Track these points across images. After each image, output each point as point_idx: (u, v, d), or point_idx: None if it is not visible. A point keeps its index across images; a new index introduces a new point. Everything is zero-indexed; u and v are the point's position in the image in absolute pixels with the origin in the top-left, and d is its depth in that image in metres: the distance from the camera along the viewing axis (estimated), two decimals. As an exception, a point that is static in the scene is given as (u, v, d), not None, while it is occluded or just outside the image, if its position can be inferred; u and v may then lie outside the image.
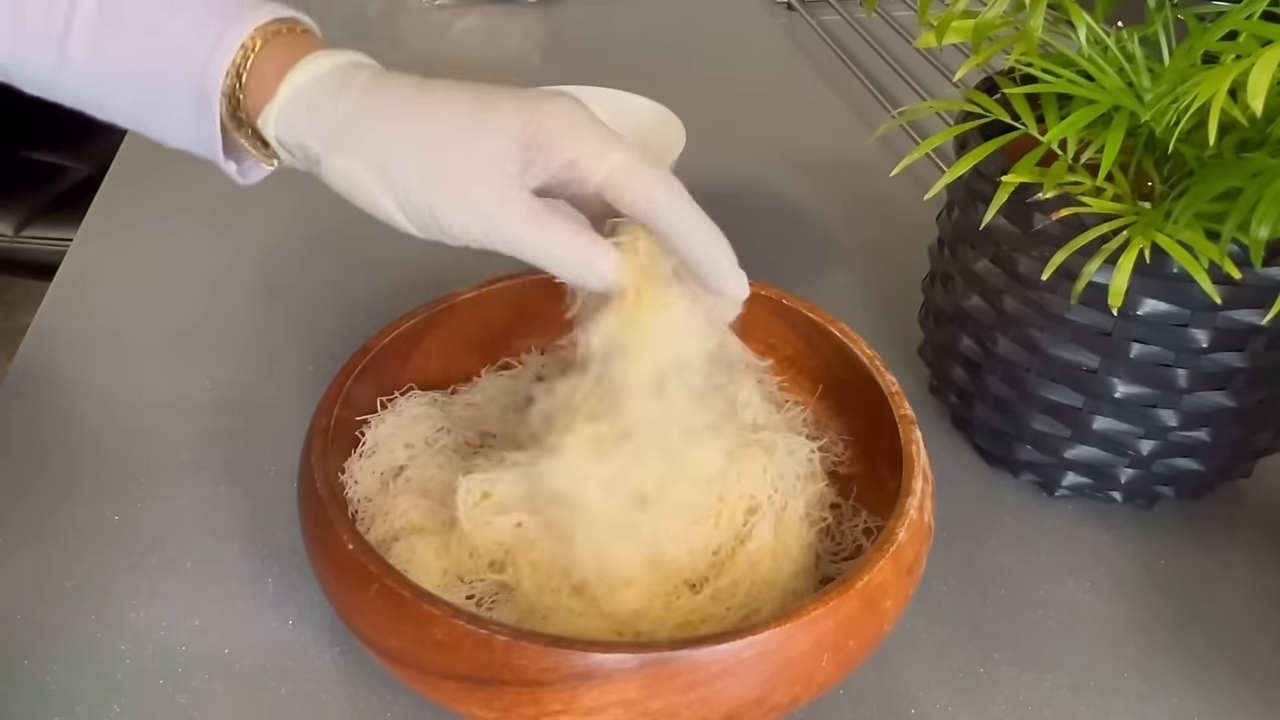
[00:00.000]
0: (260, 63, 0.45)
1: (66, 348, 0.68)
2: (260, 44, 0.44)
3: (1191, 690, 0.49)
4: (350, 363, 0.52)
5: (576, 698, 0.39)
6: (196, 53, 0.45)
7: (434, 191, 0.42)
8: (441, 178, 0.42)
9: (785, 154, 0.90)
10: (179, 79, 0.45)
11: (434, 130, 0.42)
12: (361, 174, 0.43)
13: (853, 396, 0.55)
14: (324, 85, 0.44)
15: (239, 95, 0.45)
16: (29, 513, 0.56)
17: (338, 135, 0.43)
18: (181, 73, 0.45)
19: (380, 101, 0.43)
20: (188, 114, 0.46)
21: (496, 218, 0.42)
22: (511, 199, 0.42)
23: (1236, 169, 0.45)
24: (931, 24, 0.52)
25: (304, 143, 0.44)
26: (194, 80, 0.45)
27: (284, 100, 0.44)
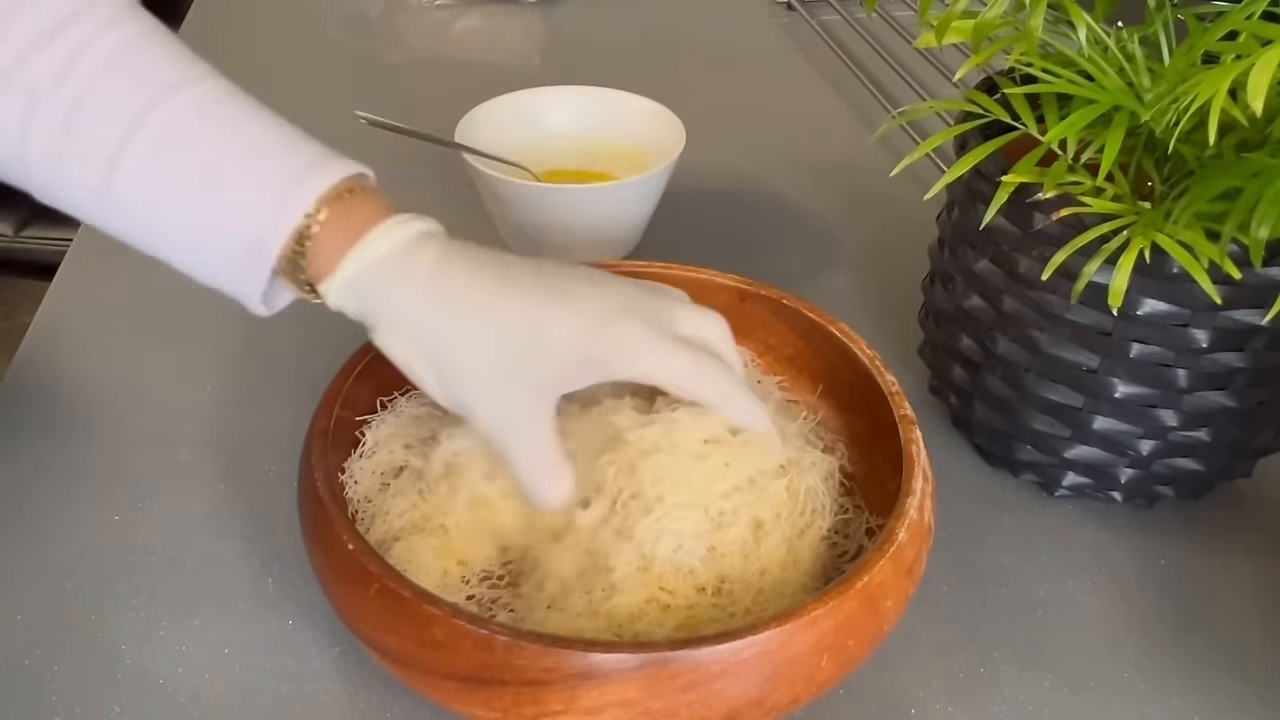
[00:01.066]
0: (324, 233, 0.44)
1: (66, 348, 0.68)
2: (324, 213, 0.44)
3: (1191, 690, 0.49)
4: (350, 363, 0.52)
5: (576, 698, 0.39)
6: (256, 213, 0.44)
7: (475, 397, 0.45)
8: (485, 387, 0.45)
9: (785, 154, 0.90)
10: (233, 235, 0.44)
11: (488, 344, 0.44)
12: (414, 359, 0.46)
13: (853, 396, 0.55)
14: (389, 266, 0.45)
15: (300, 262, 0.45)
16: (29, 513, 0.56)
17: (397, 319, 0.45)
18: (237, 230, 0.44)
19: (442, 294, 0.45)
20: (235, 269, 0.45)
21: (516, 438, 0.45)
22: (538, 427, 0.45)
23: (1236, 169, 0.45)
24: (931, 24, 0.52)
25: (363, 311, 0.46)
26: (251, 239, 0.44)
27: (347, 278, 0.45)
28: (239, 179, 0.44)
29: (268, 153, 0.45)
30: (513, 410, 0.44)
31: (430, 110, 0.77)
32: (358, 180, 0.46)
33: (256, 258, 0.44)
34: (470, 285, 0.45)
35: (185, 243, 0.46)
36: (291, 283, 0.46)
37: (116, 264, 0.75)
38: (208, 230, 0.45)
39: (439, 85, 0.96)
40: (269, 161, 0.44)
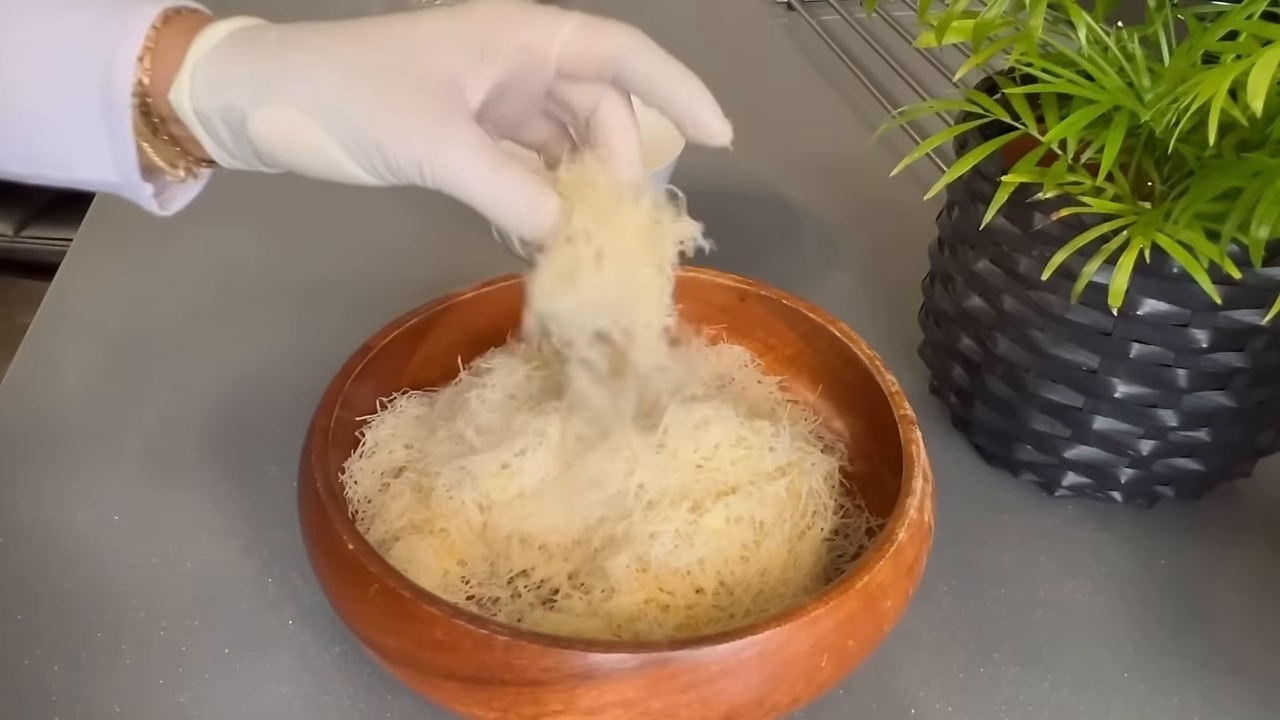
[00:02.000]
0: (164, 42, 0.40)
1: (66, 348, 0.68)
2: (162, 26, 0.40)
3: (1191, 690, 0.49)
4: (350, 363, 0.52)
5: (576, 698, 0.39)
6: (98, 51, 0.39)
7: (379, 124, 0.39)
8: (386, 103, 0.39)
9: (785, 154, 0.90)
10: (81, 82, 0.40)
11: (369, 59, 0.39)
12: (298, 119, 0.39)
13: (853, 396, 0.55)
14: (235, 41, 0.40)
15: (146, 82, 0.40)
16: (29, 513, 0.56)
17: (263, 84, 0.39)
18: (83, 73, 0.40)
19: (303, 42, 0.40)
20: (94, 124, 0.40)
21: (444, 144, 0.39)
22: (462, 127, 0.39)
23: (1236, 169, 0.45)
24: (931, 24, 0.52)
25: (226, 103, 0.40)
26: (98, 75, 0.39)
27: (194, 63, 0.40)
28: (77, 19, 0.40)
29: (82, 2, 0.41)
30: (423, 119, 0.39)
31: (430, 110, 0.77)
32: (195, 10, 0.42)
33: (108, 98, 0.39)
34: (330, 29, 0.40)
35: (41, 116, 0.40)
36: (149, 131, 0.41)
37: (116, 264, 0.76)
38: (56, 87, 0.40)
39: (439, 85, 0.96)
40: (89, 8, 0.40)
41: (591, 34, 0.41)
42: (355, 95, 0.39)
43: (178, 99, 0.40)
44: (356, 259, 0.75)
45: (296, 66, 0.39)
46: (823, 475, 0.51)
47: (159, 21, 0.40)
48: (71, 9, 0.40)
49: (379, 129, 0.39)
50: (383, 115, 0.39)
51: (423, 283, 0.59)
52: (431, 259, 0.75)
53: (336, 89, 0.39)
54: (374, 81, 0.39)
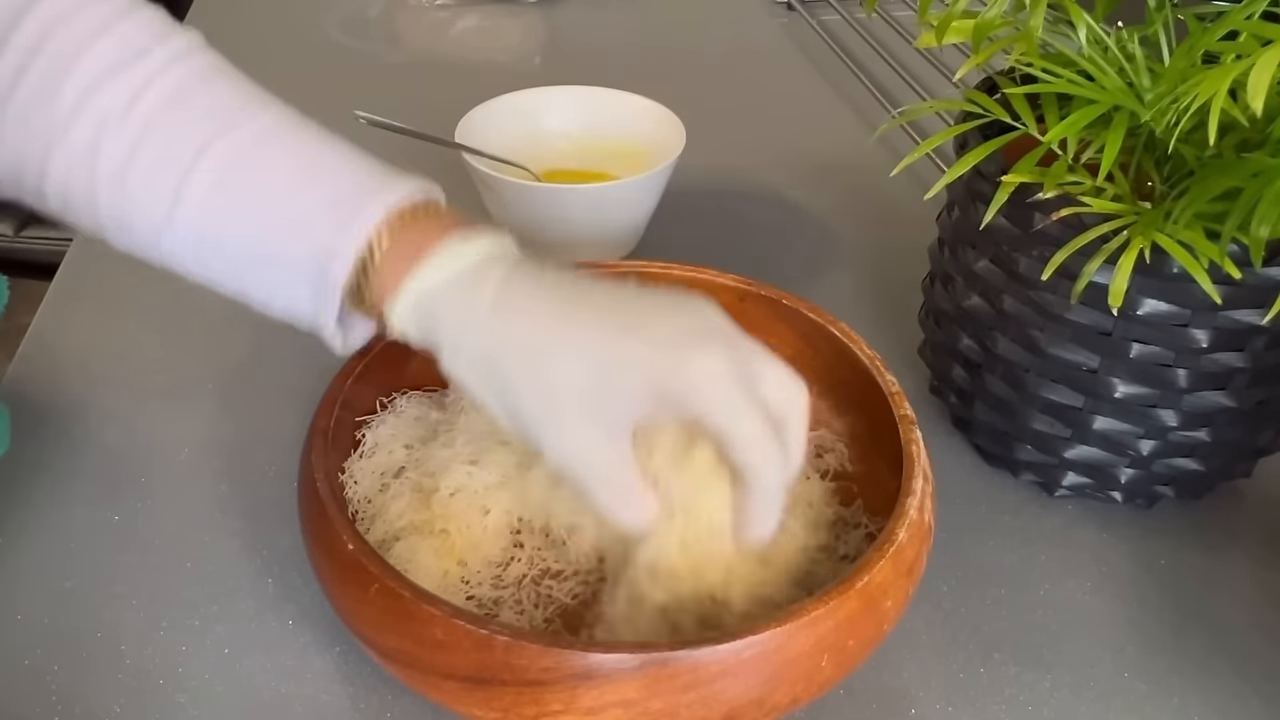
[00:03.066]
0: (389, 255, 0.43)
1: (66, 348, 0.68)
2: (388, 236, 0.43)
3: (1191, 690, 0.49)
4: (350, 363, 0.52)
5: (576, 698, 0.39)
6: (322, 238, 0.43)
7: (544, 433, 0.42)
8: (556, 423, 0.42)
9: (785, 154, 0.90)
10: (299, 262, 0.44)
11: (561, 381, 0.41)
12: (478, 389, 0.43)
13: (853, 396, 0.55)
14: (450, 292, 0.43)
15: (363, 286, 0.44)
16: (29, 513, 0.56)
17: (460, 348, 0.43)
18: (303, 257, 0.43)
19: (505, 325, 0.42)
20: (302, 299, 0.45)
21: (590, 475, 0.42)
22: (613, 461, 0.42)
23: (1236, 169, 0.45)
24: (931, 24, 0.52)
25: (430, 339, 0.44)
26: (316, 265, 0.43)
27: (409, 303, 0.43)
28: (302, 203, 0.44)
29: (330, 177, 0.44)
30: (587, 450, 0.42)
31: (430, 110, 0.77)
32: (424, 198, 0.45)
33: (322, 284, 0.43)
34: (535, 317, 0.42)
35: (251, 272, 0.45)
36: (360, 309, 0.45)
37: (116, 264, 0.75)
38: (272, 257, 0.44)
39: (439, 85, 0.96)
40: (330, 186, 0.44)
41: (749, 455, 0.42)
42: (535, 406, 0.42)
43: (389, 314, 0.44)
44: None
45: (495, 354, 0.42)
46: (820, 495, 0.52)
47: (388, 228, 0.43)
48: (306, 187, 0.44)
49: (543, 439, 0.42)
50: (550, 431, 0.42)
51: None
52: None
53: (519, 394, 0.42)
54: (555, 401, 0.42)
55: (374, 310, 0.45)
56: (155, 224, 0.45)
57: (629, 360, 0.41)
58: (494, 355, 0.42)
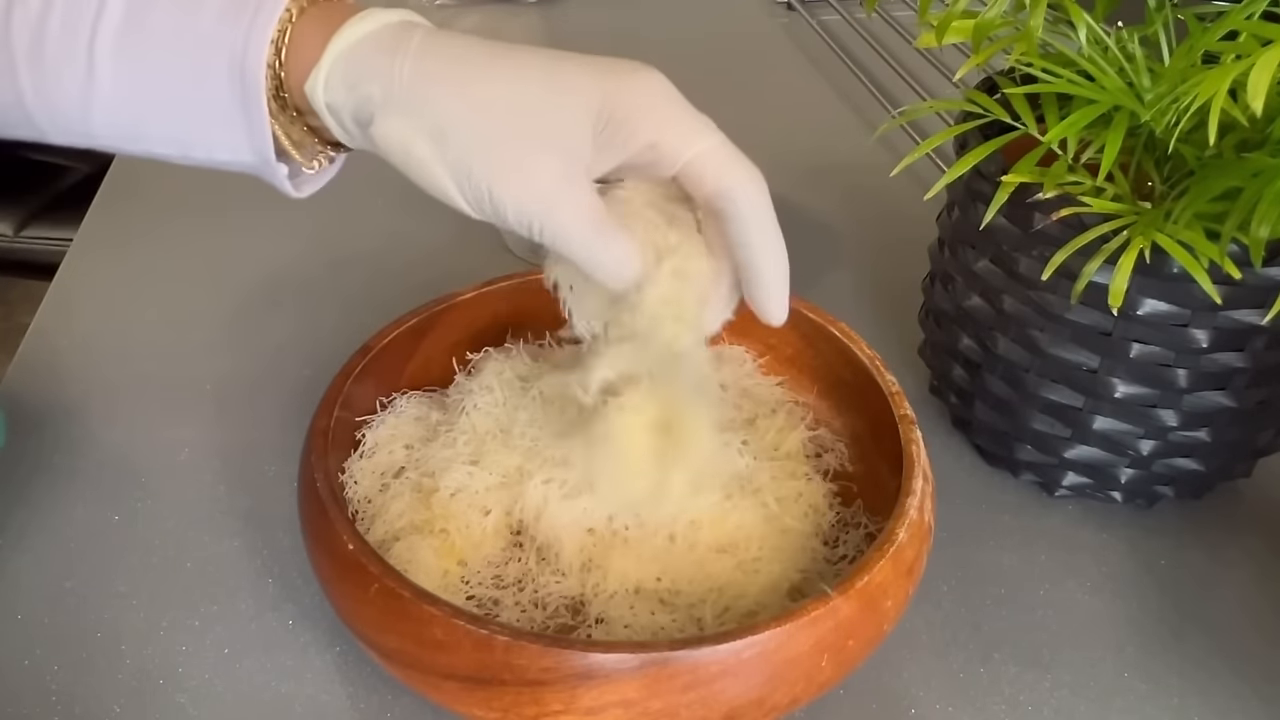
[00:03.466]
0: (301, 31, 0.41)
1: (66, 348, 0.68)
2: (297, 13, 0.41)
3: (1191, 690, 0.49)
4: (350, 363, 0.52)
5: (576, 698, 0.39)
6: (233, 36, 0.40)
7: (495, 172, 0.39)
8: (505, 157, 0.39)
9: (785, 154, 0.90)
10: (217, 69, 0.41)
11: (500, 101, 0.39)
12: (418, 144, 0.40)
13: (853, 396, 0.55)
14: (376, 41, 0.40)
15: (281, 73, 0.41)
16: (29, 512, 0.56)
17: (393, 97, 0.40)
18: (219, 61, 0.41)
19: (441, 61, 0.40)
20: (230, 110, 0.42)
21: (557, 210, 0.39)
22: (577, 193, 0.39)
23: (1236, 169, 0.45)
24: (931, 24, 0.52)
25: (358, 102, 0.40)
26: (233, 65, 0.41)
27: (332, 60, 0.40)
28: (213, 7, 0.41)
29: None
30: (542, 181, 0.39)
31: (430, 110, 0.77)
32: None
33: (244, 85, 0.41)
34: (470, 56, 0.40)
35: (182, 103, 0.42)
36: (283, 116, 0.42)
37: (116, 264, 0.76)
38: (195, 75, 0.41)
39: (439, 85, 0.96)
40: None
41: (719, 163, 0.41)
42: (480, 138, 0.39)
43: (312, 91, 0.41)
44: (357, 259, 0.75)
45: (431, 85, 0.40)
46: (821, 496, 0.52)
47: (295, 10, 0.41)
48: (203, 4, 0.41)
49: (495, 181, 0.39)
50: (501, 168, 0.39)
51: (423, 283, 0.59)
52: (431, 259, 0.75)
53: (463, 121, 0.39)
54: (500, 127, 0.39)
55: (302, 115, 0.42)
56: (79, 91, 0.42)
57: (573, 83, 0.39)
58: (428, 91, 0.40)
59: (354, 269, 0.74)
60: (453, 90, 0.39)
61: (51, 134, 0.44)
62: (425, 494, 0.50)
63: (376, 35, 0.41)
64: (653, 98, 0.40)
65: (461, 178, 0.40)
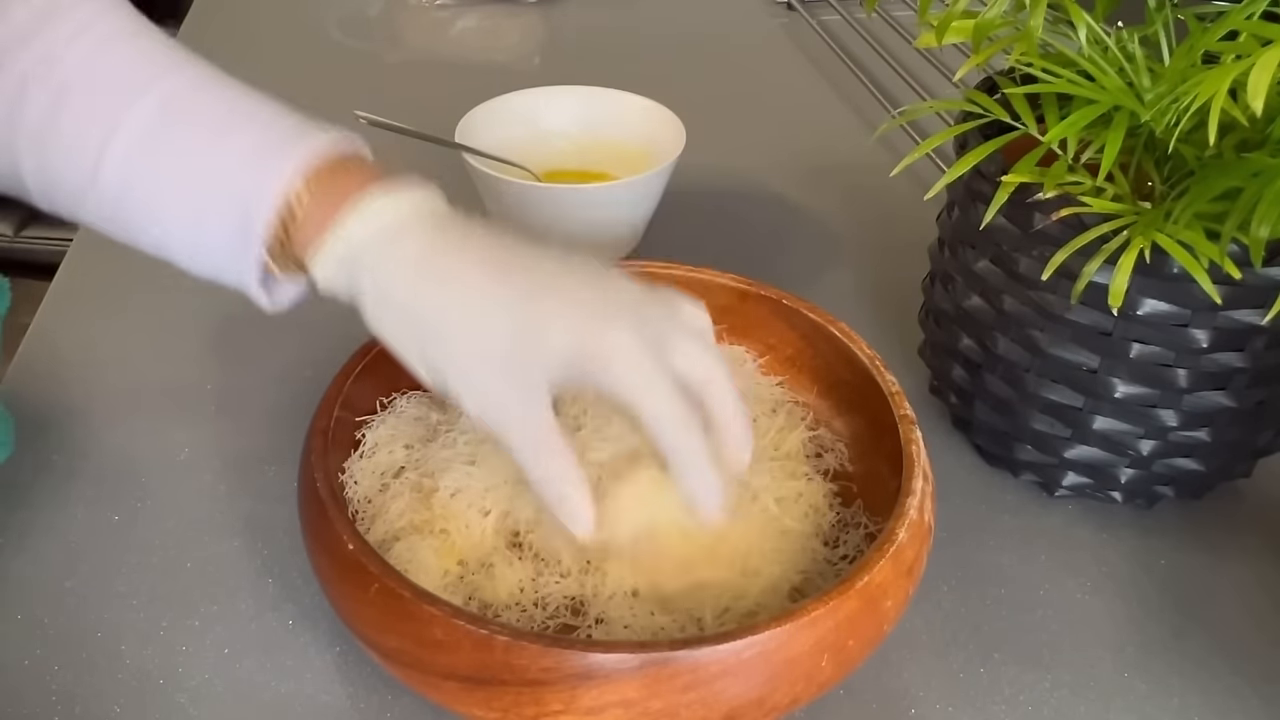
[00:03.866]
0: (313, 203, 0.43)
1: (66, 348, 0.68)
2: (313, 183, 0.43)
3: (1191, 690, 0.49)
4: (350, 363, 0.52)
5: (576, 698, 0.39)
6: (243, 187, 0.43)
7: (462, 387, 0.42)
8: (473, 379, 0.42)
9: (785, 154, 0.90)
10: (222, 213, 0.43)
11: (474, 332, 0.42)
12: (400, 341, 0.44)
13: (853, 396, 0.55)
14: (376, 242, 0.43)
15: (287, 237, 0.44)
16: (29, 513, 0.56)
17: (384, 299, 0.43)
18: (225, 206, 0.43)
19: (429, 277, 0.43)
20: (226, 250, 0.44)
21: (516, 425, 0.42)
22: (536, 414, 0.42)
23: (1236, 169, 0.45)
24: (931, 24, 0.52)
25: (353, 289, 0.44)
26: (239, 216, 0.43)
27: (333, 253, 0.43)
28: (231, 151, 0.43)
29: (254, 126, 0.44)
30: (505, 407, 0.42)
31: (430, 110, 0.77)
32: (350, 148, 0.45)
33: (245, 234, 0.43)
34: (460, 271, 0.43)
35: (175, 224, 0.44)
36: (285, 267, 0.45)
37: (116, 264, 0.75)
38: (195, 208, 0.43)
39: (439, 85, 0.96)
40: (254, 135, 0.43)
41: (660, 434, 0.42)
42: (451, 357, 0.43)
43: (311, 265, 0.44)
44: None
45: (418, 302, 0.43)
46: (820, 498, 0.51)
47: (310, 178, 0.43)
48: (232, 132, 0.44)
49: (461, 389, 0.42)
50: (464, 381, 0.42)
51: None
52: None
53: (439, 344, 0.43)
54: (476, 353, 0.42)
55: (298, 265, 0.45)
56: (80, 182, 0.44)
57: (545, 320, 0.42)
58: (414, 305, 0.43)
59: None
60: (435, 313, 0.43)
61: (42, 205, 0.47)
62: (425, 494, 0.50)
63: (380, 232, 0.43)
64: (616, 356, 0.41)
65: (432, 376, 0.43)
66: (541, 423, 0.42)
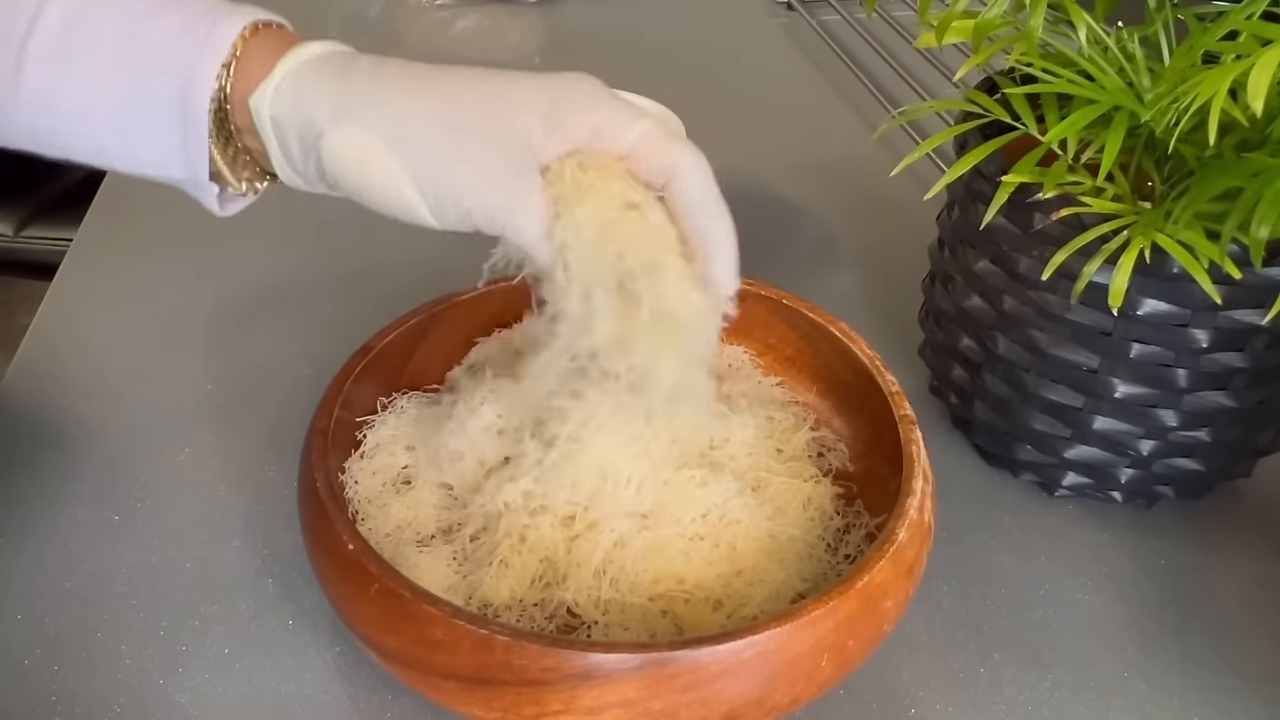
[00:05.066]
0: (249, 52, 0.42)
1: (66, 348, 0.68)
2: (250, 37, 0.42)
3: (1191, 690, 0.49)
4: (350, 363, 0.52)
5: (576, 698, 0.39)
6: (181, 55, 0.41)
7: (458, 167, 0.40)
8: (467, 151, 0.40)
9: (785, 154, 0.90)
10: (159, 86, 0.41)
11: (455, 101, 0.41)
12: (378, 148, 0.41)
13: (853, 396, 0.55)
14: (325, 62, 0.42)
15: (226, 91, 0.42)
16: (29, 513, 0.56)
17: (348, 106, 0.41)
18: (162, 79, 0.41)
19: (393, 75, 0.42)
20: (166, 127, 0.42)
21: (518, 207, 0.41)
22: (530, 186, 0.41)
23: (1236, 169, 0.45)
24: (931, 24, 0.52)
25: (307, 117, 0.41)
26: (178, 85, 0.41)
27: (281, 76, 0.41)
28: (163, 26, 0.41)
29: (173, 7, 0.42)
30: (502, 180, 0.41)
31: (430, 110, 0.77)
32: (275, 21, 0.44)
33: (185, 106, 0.41)
34: (416, 70, 0.42)
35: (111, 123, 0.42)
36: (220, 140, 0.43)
37: (116, 264, 0.76)
38: (129, 98, 0.42)
39: (439, 85, 0.96)
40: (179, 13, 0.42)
41: (658, 143, 0.42)
42: (439, 137, 0.41)
43: (258, 105, 0.41)
44: (356, 259, 0.75)
45: (385, 97, 0.41)
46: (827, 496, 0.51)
47: (248, 32, 0.42)
48: (158, 14, 0.42)
49: (457, 176, 0.41)
50: (462, 163, 0.41)
51: (423, 283, 0.59)
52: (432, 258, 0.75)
53: (422, 127, 0.41)
54: (457, 127, 0.41)
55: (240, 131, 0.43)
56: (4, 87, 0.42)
57: (520, 92, 0.41)
58: (384, 104, 0.41)
59: (355, 268, 0.74)
60: (410, 99, 0.41)
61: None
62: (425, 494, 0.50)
63: (325, 58, 0.42)
64: (594, 96, 0.42)
65: (424, 182, 0.41)
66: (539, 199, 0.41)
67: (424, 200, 0.41)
